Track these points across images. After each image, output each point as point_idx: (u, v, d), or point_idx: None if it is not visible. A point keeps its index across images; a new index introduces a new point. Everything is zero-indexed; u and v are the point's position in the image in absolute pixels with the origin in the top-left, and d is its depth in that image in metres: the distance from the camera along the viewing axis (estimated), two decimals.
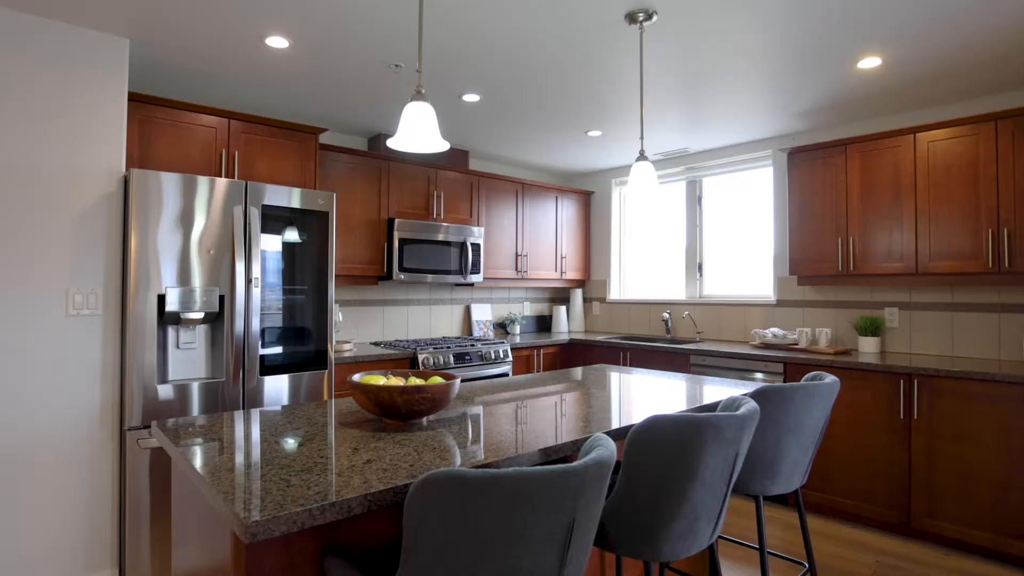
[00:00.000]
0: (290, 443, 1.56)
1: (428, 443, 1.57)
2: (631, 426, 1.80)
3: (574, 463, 1.09)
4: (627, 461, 1.52)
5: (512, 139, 4.39)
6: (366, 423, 1.79)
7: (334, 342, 3.65)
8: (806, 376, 2.29)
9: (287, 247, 3.04)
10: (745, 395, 2.36)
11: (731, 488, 1.71)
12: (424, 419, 1.82)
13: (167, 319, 2.69)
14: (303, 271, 3.09)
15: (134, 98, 2.81)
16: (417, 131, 1.67)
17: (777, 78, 3.11)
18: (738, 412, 1.55)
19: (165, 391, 2.66)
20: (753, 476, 2.02)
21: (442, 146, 1.79)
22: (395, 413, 1.72)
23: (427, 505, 1.04)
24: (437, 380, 1.86)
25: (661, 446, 1.48)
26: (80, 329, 2.55)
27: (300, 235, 3.08)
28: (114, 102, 2.64)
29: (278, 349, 3.00)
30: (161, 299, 2.65)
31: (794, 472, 2.07)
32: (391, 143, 1.74)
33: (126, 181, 2.64)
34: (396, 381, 1.80)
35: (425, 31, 2.58)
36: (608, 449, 1.17)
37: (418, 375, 1.97)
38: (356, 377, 1.83)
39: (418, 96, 1.68)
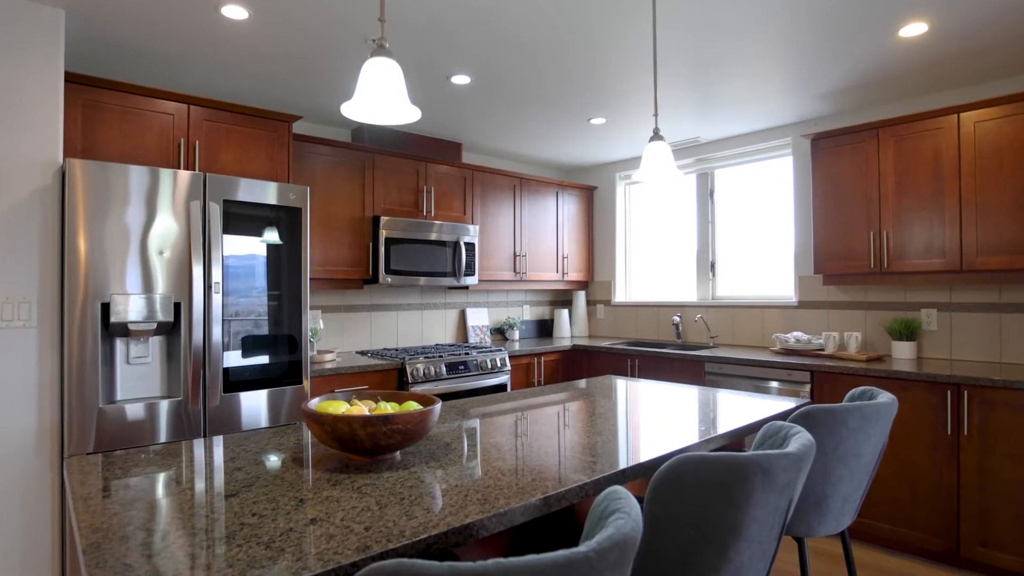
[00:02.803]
0: (220, 492, 1.22)
1: (396, 489, 1.23)
2: (650, 462, 1.46)
3: (584, 548, 0.75)
4: (651, 513, 1.18)
5: (508, 129, 4.05)
6: (327, 459, 1.45)
7: (313, 352, 3.31)
8: (850, 393, 1.94)
9: (256, 248, 2.70)
10: (786, 413, 2.02)
11: (780, 541, 1.37)
12: (397, 452, 1.49)
13: (114, 331, 2.35)
14: (275, 274, 2.75)
15: (77, 80, 2.48)
16: (379, 95, 1.32)
17: (802, 53, 2.76)
18: (790, 449, 1.21)
19: (113, 412, 2.32)
20: (798, 516, 1.68)
21: (412, 115, 1.44)
22: (359, 448, 1.38)
23: None
24: (412, 406, 1.52)
25: (695, 495, 1.14)
26: (10, 344, 2.22)
27: (271, 234, 2.74)
28: (48, 82, 2.30)
29: (246, 362, 2.66)
30: (106, 308, 2.31)
31: (845, 510, 1.72)
32: (344, 109, 1.39)
33: (64, 173, 2.31)
34: (360, 408, 1.46)
35: (408, 2, 2.24)
36: (632, 518, 0.83)
37: (390, 398, 1.63)
38: (312, 404, 1.49)
39: (380, 51, 1.32)
